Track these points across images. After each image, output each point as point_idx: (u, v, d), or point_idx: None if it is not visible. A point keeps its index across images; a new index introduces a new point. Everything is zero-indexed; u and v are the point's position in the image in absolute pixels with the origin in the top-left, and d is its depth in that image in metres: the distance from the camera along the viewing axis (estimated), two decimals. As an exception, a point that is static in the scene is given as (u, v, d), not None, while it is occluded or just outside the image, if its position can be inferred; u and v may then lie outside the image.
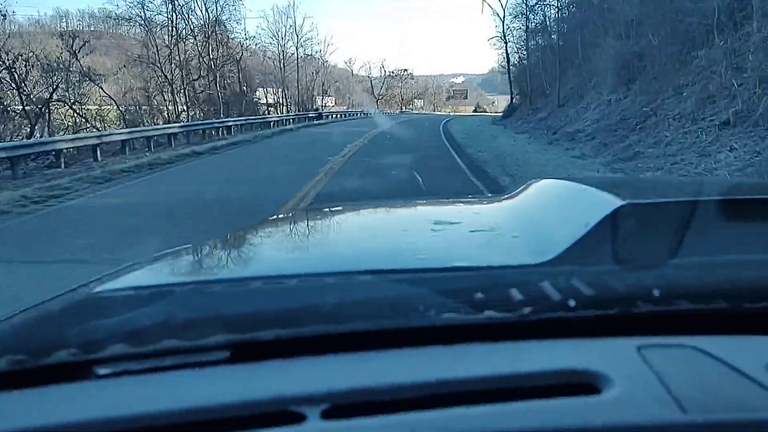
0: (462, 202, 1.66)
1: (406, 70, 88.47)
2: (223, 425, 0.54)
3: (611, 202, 0.86)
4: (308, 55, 53.75)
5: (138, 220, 7.24)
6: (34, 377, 0.61)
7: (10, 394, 0.60)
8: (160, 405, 0.56)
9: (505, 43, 40.81)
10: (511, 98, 43.35)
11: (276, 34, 50.67)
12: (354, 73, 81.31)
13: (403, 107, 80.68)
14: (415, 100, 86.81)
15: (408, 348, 0.64)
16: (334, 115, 48.70)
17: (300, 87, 51.22)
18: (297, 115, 41.10)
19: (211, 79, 32.73)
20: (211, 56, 32.96)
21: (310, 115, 42.83)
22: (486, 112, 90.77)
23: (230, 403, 0.55)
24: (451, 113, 78.50)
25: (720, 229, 0.83)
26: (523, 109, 34.73)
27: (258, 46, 46.51)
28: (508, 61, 41.74)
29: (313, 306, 0.70)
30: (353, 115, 54.52)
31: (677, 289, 0.69)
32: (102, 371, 0.62)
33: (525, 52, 38.29)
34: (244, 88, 38.08)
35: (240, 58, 36.78)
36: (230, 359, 0.63)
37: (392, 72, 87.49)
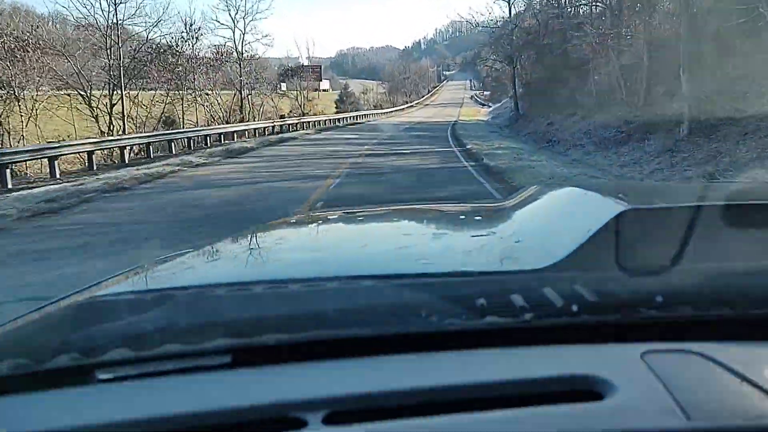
0: (464, 208, 1.66)
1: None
2: (224, 430, 0.54)
3: (614, 207, 0.86)
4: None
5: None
6: (36, 381, 0.61)
7: (12, 398, 0.60)
8: (161, 409, 0.55)
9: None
10: (517, 105, 35.51)
11: None
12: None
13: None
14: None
15: (410, 354, 0.63)
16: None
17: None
18: None
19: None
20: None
21: None
22: (360, 106, 57.06)
23: (231, 408, 0.55)
24: (315, 113, 37.74)
25: (724, 234, 0.82)
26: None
27: None
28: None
29: (315, 311, 0.70)
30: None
31: (681, 296, 0.69)
32: (103, 376, 0.62)
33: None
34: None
35: None
36: (232, 364, 0.63)
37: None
